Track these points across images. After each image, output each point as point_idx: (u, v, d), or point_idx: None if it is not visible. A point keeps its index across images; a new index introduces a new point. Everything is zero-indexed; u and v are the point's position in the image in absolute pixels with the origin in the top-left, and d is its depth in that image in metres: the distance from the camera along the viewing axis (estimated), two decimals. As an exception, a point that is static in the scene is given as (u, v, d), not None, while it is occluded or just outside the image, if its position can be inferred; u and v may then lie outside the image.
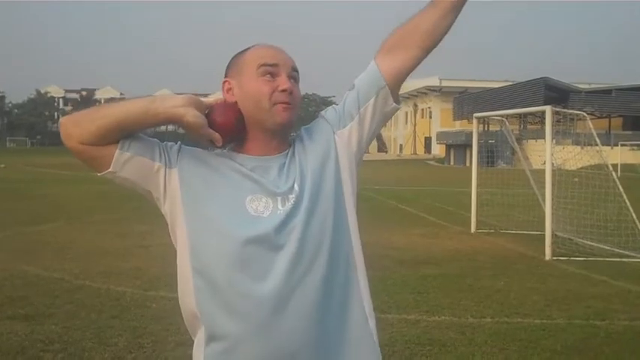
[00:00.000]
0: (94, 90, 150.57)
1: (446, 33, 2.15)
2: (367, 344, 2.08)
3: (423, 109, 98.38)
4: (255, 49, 2.08)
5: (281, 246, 1.92)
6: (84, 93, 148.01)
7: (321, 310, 1.95)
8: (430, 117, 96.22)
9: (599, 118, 68.12)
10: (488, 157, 21.24)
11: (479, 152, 17.57)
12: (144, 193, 2.06)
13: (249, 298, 1.89)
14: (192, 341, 6.17)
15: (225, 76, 2.10)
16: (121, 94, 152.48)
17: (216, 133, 1.96)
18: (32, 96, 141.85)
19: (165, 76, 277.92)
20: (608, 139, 58.44)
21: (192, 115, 1.90)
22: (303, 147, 2.08)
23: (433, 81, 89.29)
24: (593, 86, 75.66)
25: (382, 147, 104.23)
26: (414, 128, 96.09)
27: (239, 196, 1.96)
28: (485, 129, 54.53)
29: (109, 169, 1.95)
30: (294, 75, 2.06)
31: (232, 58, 2.13)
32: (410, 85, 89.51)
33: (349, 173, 2.10)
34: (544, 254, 11.83)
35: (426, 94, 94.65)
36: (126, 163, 1.94)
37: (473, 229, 15.48)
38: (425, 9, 2.13)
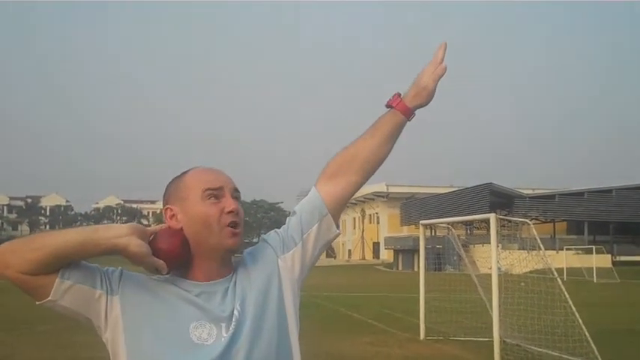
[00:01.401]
0: (40, 197, 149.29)
1: (384, 160, 2.23)
2: None
3: (370, 215, 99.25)
4: (194, 174, 2.07)
5: None
6: (29, 200, 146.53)
7: None
8: (378, 222, 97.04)
9: (543, 222, 69.45)
10: (436, 261, 21.46)
11: (426, 257, 17.65)
12: (84, 321, 1.97)
13: None
14: None
15: (167, 203, 2.06)
16: (67, 201, 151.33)
17: (161, 261, 1.90)
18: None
19: (113, 183, 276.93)
20: (553, 244, 59.45)
21: (135, 245, 1.85)
22: (247, 272, 2.06)
23: (380, 187, 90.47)
24: (536, 191, 77.51)
25: (331, 252, 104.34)
26: (362, 234, 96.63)
27: (182, 324, 1.91)
28: (433, 234, 55.14)
29: (49, 298, 1.87)
30: (236, 195, 2.06)
31: (171, 184, 2.11)
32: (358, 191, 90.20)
33: (292, 296, 2.09)
34: (494, 362, 11.72)
35: (373, 199, 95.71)
36: (66, 292, 1.87)
37: (422, 336, 15.34)
38: (363, 137, 2.21)
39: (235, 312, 1.94)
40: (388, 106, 2.22)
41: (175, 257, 1.94)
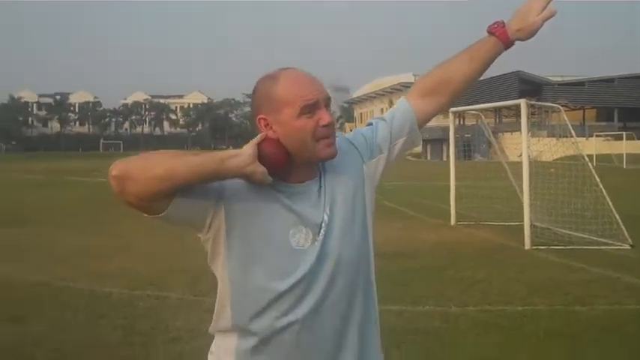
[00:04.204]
0: (68, 94, 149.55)
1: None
2: (377, 344, 2.23)
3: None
4: (288, 85, 2.05)
5: (318, 274, 2.02)
6: (58, 97, 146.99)
7: (346, 326, 2.09)
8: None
9: (572, 109, 68.77)
10: (465, 150, 21.45)
11: (455, 146, 17.74)
12: (185, 227, 2.09)
13: (285, 323, 2.00)
14: (180, 337, 6.25)
15: (259, 112, 2.07)
16: (95, 97, 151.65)
17: (270, 178, 1.99)
18: (5, 101, 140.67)
19: (140, 77, 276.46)
20: (582, 131, 58.96)
21: (259, 173, 1.94)
22: (334, 174, 2.13)
23: (407, 77, 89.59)
24: (565, 79, 76.39)
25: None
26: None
27: (282, 230, 2.03)
28: (461, 123, 54.93)
29: (162, 215, 1.97)
30: (329, 102, 2.08)
31: (262, 91, 2.09)
32: (384, 81, 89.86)
33: (371, 199, 2.21)
34: (523, 244, 12.01)
35: (401, 90, 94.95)
36: (179, 208, 1.96)
37: (453, 221, 15.65)
38: (460, 60, 2.25)
39: (325, 216, 2.05)
40: (490, 32, 2.23)
41: (280, 168, 2.02)
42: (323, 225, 2.04)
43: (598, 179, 12.78)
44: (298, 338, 2.01)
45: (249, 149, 1.96)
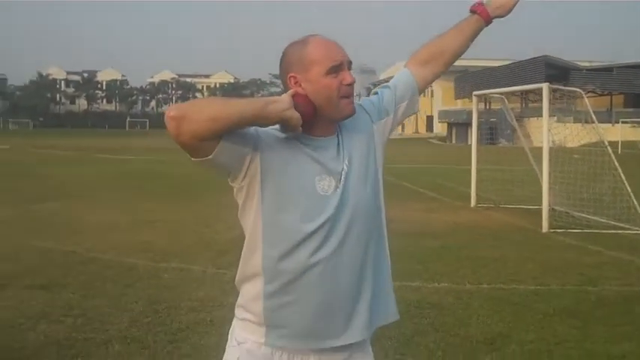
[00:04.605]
0: (96, 72, 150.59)
1: (460, 56, 2.67)
2: (392, 295, 2.51)
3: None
4: (318, 46, 2.33)
5: (339, 218, 2.29)
6: (85, 75, 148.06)
7: (363, 265, 2.36)
8: (432, 96, 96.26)
9: (600, 95, 68.25)
10: (490, 135, 21.45)
11: (480, 130, 17.85)
12: (221, 172, 2.32)
13: (313, 262, 2.25)
14: (203, 306, 6.58)
15: (289, 70, 2.33)
16: (123, 75, 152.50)
17: (301, 128, 2.26)
18: (34, 78, 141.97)
19: (167, 56, 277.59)
20: (609, 117, 58.64)
21: (295, 118, 2.20)
22: (349, 133, 2.41)
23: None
24: (594, 64, 75.71)
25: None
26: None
27: (310, 178, 2.29)
28: (487, 107, 54.78)
29: (209, 157, 2.17)
30: (350, 66, 2.37)
31: (292, 52, 2.36)
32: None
33: (382, 154, 2.50)
34: (541, 227, 12.17)
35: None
36: (223, 153, 2.17)
37: (473, 203, 15.82)
38: (449, 35, 2.62)
39: (344, 167, 2.33)
40: (472, 11, 2.62)
41: (309, 119, 2.28)
42: (343, 174, 2.31)
43: (617, 164, 12.88)
44: (323, 277, 2.26)
45: (287, 97, 2.22)
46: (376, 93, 2.60)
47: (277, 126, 2.26)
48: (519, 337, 6.06)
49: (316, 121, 2.31)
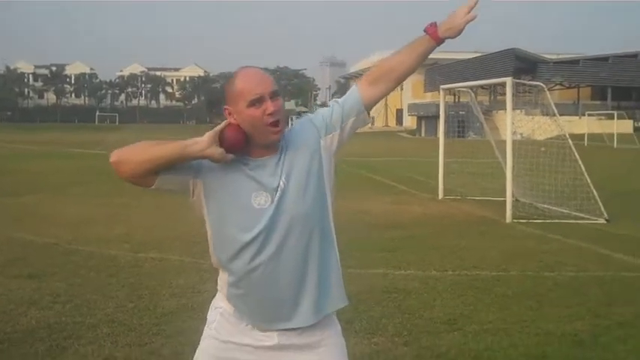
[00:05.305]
0: (64, 65, 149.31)
1: (412, 73, 2.89)
2: (340, 284, 2.83)
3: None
4: (241, 80, 2.66)
5: (275, 227, 2.64)
6: (54, 68, 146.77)
7: (305, 263, 2.71)
8: (401, 89, 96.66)
9: (568, 88, 69.26)
10: (459, 128, 21.77)
11: (447, 123, 18.31)
12: (175, 194, 2.79)
13: (252, 266, 2.65)
14: (183, 293, 7.06)
15: (226, 103, 2.68)
16: (92, 69, 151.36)
17: (230, 156, 2.64)
18: (1, 72, 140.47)
19: (136, 50, 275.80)
20: (576, 109, 59.59)
21: (218, 154, 2.59)
22: (294, 147, 2.70)
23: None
24: (561, 57, 76.70)
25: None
26: (386, 101, 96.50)
27: (246, 194, 2.65)
28: (456, 101, 55.35)
29: (153, 187, 2.64)
30: (275, 96, 2.64)
31: (227, 86, 2.72)
32: (380, 57, 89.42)
33: (329, 167, 2.81)
34: (505, 217, 12.70)
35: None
36: (165, 182, 2.65)
37: (440, 195, 16.31)
38: (401, 54, 2.81)
39: (281, 183, 2.68)
40: (425, 31, 2.78)
41: (240, 147, 2.66)
42: (279, 189, 2.67)
43: (577, 156, 13.42)
44: (264, 277, 2.66)
45: (206, 137, 2.61)
46: (331, 105, 2.84)
47: None
48: (479, 317, 6.52)
49: (252, 145, 2.67)
